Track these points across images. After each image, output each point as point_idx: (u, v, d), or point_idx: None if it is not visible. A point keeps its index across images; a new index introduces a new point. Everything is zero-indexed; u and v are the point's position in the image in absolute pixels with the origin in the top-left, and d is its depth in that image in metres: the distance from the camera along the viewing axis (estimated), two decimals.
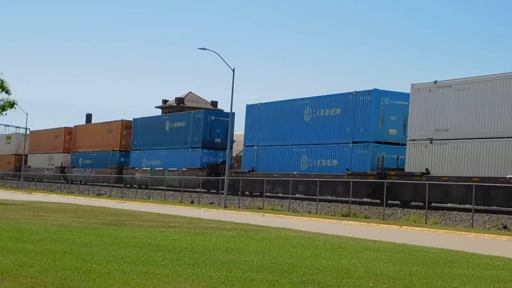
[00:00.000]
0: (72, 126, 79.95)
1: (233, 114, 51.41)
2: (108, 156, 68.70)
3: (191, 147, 56.06)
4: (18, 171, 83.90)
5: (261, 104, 49.05)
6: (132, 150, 65.25)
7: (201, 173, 52.91)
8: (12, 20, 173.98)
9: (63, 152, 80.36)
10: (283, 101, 47.56)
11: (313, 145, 43.76)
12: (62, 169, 77.81)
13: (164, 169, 58.00)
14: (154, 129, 62.06)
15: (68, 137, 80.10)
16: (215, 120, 55.55)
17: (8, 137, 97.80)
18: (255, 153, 48.88)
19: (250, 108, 50.36)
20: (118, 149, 67.35)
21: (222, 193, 43.49)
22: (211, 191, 51.38)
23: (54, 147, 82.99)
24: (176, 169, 56.32)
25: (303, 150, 44.54)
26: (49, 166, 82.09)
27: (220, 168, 52.11)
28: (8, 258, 11.90)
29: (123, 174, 62.97)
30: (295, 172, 44.00)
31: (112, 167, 66.53)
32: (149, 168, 60.64)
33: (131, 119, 67.31)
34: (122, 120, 68.92)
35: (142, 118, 64.94)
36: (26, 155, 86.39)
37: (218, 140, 55.00)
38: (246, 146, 50.44)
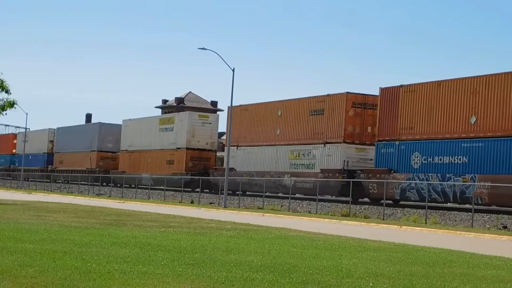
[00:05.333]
0: (385, 86, 39.25)
1: None
2: None
3: None
4: (203, 175, 52.22)
5: None
6: None
7: None
8: (13, 19, 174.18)
9: (344, 142, 42.30)
10: None
11: None
12: (350, 174, 40.50)
13: None
14: None
15: (360, 110, 42.39)
16: None
17: (167, 119, 58.47)
18: None
19: None
20: None
21: None
22: None
23: (315, 133, 44.45)
24: None
25: None
26: (298, 170, 45.03)
27: None
28: (8, 258, 11.90)
29: None
30: None
31: None
32: None
33: None
34: None
35: None
36: (211, 150, 56.10)
37: None
38: None
